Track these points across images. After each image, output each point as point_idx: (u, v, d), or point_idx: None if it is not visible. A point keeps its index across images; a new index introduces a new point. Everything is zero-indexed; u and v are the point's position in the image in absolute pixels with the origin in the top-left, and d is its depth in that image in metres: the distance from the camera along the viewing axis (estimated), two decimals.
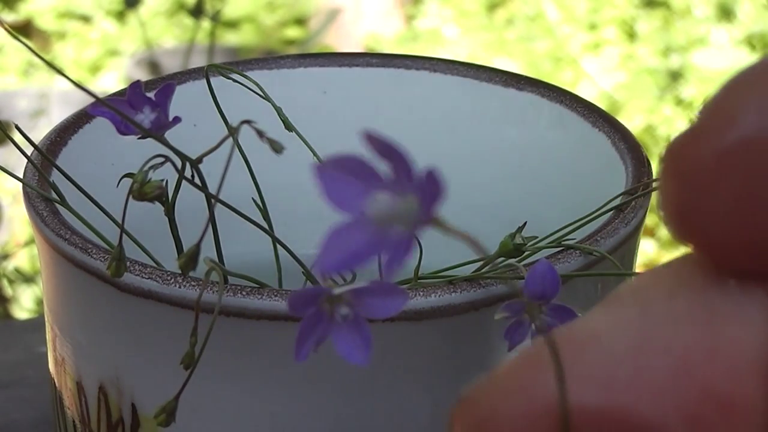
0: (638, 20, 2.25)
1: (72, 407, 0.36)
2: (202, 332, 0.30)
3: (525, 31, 2.25)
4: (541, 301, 0.30)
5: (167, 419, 0.30)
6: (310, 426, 0.33)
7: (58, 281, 0.35)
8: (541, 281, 0.30)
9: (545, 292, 0.30)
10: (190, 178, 0.33)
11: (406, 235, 0.18)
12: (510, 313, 0.31)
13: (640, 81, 2.06)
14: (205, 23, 1.09)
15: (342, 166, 0.18)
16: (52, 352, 0.37)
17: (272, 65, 0.42)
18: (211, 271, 0.30)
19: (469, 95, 0.42)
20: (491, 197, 0.42)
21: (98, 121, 0.38)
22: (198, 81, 0.40)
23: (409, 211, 0.18)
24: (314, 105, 0.43)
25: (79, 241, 0.33)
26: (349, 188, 0.18)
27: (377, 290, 0.27)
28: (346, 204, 0.18)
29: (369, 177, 0.18)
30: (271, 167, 0.37)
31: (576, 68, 2.13)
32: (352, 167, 0.18)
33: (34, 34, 2.28)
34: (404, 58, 0.43)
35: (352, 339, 0.27)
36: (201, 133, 0.36)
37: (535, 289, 0.30)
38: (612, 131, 0.39)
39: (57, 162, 0.37)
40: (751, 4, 2.21)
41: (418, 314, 0.31)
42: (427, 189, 0.18)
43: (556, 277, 0.31)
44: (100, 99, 0.31)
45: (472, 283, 0.31)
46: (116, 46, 2.27)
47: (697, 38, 2.16)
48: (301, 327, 0.27)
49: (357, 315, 0.27)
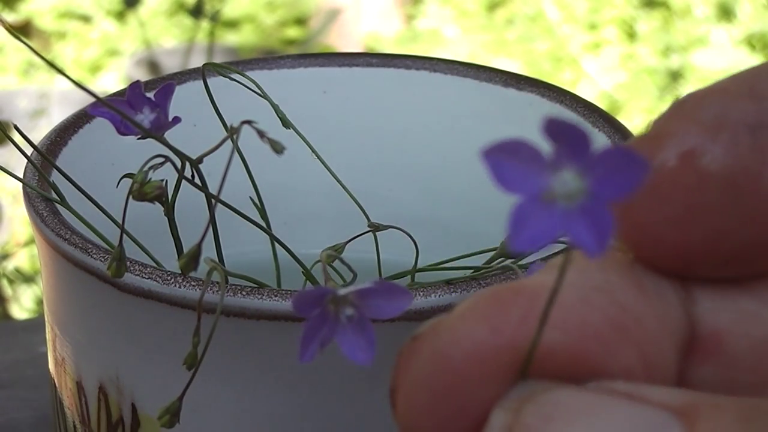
0: (638, 20, 2.25)
1: (72, 407, 0.36)
2: (202, 332, 0.30)
3: (525, 31, 2.25)
4: None
5: (171, 420, 0.30)
6: (310, 426, 0.33)
7: (58, 281, 0.35)
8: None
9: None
10: (190, 178, 0.33)
11: (591, 213, 0.19)
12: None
13: (640, 81, 2.06)
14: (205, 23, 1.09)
15: (508, 150, 0.19)
16: (52, 352, 0.37)
17: (272, 65, 0.42)
18: (212, 271, 0.30)
19: (469, 95, 0.42)
20: (491, 197, 0.42)
21: (98, 121, 0.38)
22: (198, 81, 0.40)
23: (582, 190, 0.19)
24: (314, 105, 0.43)
25: (79, 241, 0.33)
26: (518, 170, 0.19)
27: (381, 291, 0.27)
28: (518, 186, 0.19)
29: (535, 158, 0.19)
30: (271, 167, 0.38)
31: (576, 68, 2.14)
32: (517, 150, 0.19)
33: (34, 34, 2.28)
34: (404, 58, 0.43)
35: (356, 340, 0.27)
36: (201, 133, 0.36)
37: None
38: (612, 131, 0.39)
39: (57, 162, 0.37)
40: (751, 4, 2.21)
41: (418, 314, 0.31)
42: (606, 164, 0.19)
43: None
44: (100, 99, 0.31)
45: (472, 283, 0.32)
46: (116, 46, 2.27)
47: (697, 38, 2.16)
48: (306, 328, 0.27)
49: (361, 316, 0.27)
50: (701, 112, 0.21)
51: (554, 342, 0.20)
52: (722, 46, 2.14)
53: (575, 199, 0.19)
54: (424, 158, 0.43)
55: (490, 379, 0.20)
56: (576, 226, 0.19)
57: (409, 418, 0.21)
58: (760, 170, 0.21)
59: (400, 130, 0.43)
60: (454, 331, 0.21)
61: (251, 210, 0.36)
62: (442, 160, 0.43)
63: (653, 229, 0.21)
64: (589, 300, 0.20)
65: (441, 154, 0.43)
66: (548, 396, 0.20)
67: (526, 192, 0.19)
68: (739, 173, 0.21)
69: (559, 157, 0.19)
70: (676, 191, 0.21)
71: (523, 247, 0.19)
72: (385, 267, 0.36)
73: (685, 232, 0.21)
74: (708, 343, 0.21)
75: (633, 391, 0.20)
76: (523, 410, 0.20)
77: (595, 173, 0.19)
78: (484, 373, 0.20)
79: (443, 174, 0.43)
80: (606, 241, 0.19)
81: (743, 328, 0.21)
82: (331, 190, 0.39)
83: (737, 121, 0.21)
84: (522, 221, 0.19)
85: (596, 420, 0.19)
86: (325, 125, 0.43)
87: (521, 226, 0.19)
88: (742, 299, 0.22)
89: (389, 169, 0.43)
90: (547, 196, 0.19)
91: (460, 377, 0.20)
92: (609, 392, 0.20)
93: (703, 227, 0.21)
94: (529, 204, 0.19)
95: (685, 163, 0.21)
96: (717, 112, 0.21)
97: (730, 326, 0.22)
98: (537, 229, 0.19)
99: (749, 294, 0.22)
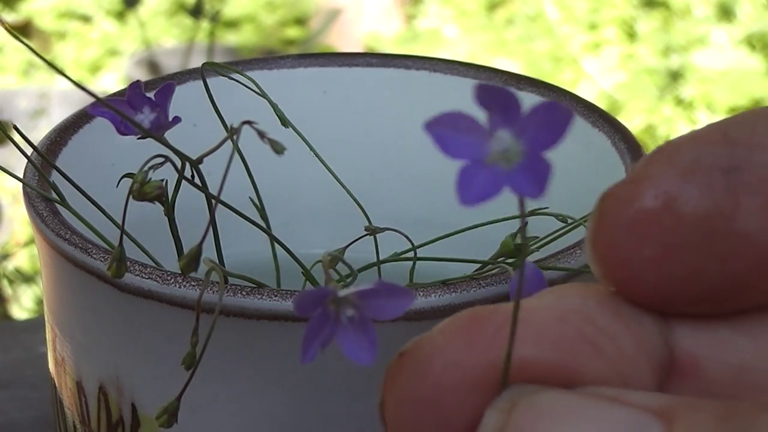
0: (638, 20, 2.25)
1: (72, 407, 0.36)
2: (202, 332, 0.30)
3: (525, 31, 2.26)
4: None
5: (169, 420, 0.30)
6: (310, 426, 0.33)
7: (58, 281, 0.35)
8: (527, 283, 0.30)
9: (531, 295, 0.30)
10: (190, 178, 0.33)
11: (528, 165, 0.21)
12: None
13: (640, 81, 2.06)
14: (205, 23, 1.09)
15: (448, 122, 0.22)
16: (52, 352, 0.37)
17: (272, 65, 0.43)
18: (211, 271, 0.30)
19: (469, 95, 0.42)
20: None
21: (98, 121, 0.38)
22: (198, 81, 0.40)
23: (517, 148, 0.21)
24: (314, 105, 0.43)
25: (79, 241, 0.33)
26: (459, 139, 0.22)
27: (383, 291, 0.27)
28: (461, 152, 0.21)
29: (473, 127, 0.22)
30: (271, 167, 0.38)
31: (576, 68, 2.14)
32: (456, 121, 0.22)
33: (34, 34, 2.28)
34: (404, 58, 0.43)
35: (357, 340, 0.27)
36: (201, 133, 0.36)
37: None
38: (612, 131, 0.39)
39: (57, 162, 0.37)
40: (751, 4, 2.21)
41: (418, 314, 0.31)
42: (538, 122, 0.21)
43: (543, 279, 0.31)
44: (100, 99, 0.31)
45: (472, 283, 0.32)
46: (116, 46, 2.27)
47: (697, 38, 2.16)
48: (308, 328, 0.27)
49: (362, 316, 0.27)
50: (677, 156, 0.23)
51: (528, 355, 0.22)
52: (722, 46, 2.14)
53: (514, 159, 0.21)
54: (424, 158, 0.43)
55: (469, 389, 0.22)
56: (517, 180, 0.21)
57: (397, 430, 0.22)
58: (733, 211, 0.22)
59: (400, 130, 0.43)
60: (434, 344, 0.22)
61: (251, 210, 0.36)
62: (442, 160, 0.43)
63: (633, 267, 0.22)
64: (565, 318, 0.22)
65: (441, 154, 0.43)
66: (537, 397, 0.21)
67: (469, 157, 0.21)
68: (713, 214, 0.22)
69: (494, 122, 0.21)
70: (654, 231, 0.22)
71: (470, 202, 0.21)
72: (386, 267, 0.36)
73: (663, 271, 0.22)
74: (685, 367, 0.23)
75: (616, 394, 0.21)
76: (515, 411, 0.21)
77: (527, 132, 0.21)
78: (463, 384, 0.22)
79: (443, 174, 0.43)
80: (545, 184, 0.20)
81: (720, 355, 0.23)
82: (331, 190, 0.39)
83: (711, 165, 0.22)
84: (468, 181, 0.21)
85: (581, 420, 0.21)
86: (325, 125, 0.43)
87: (467, 185, 0.21)
88: (719, 327, 0.23)
89: (389, 170, 0.43)
90: (490, 159, 0.21)
91: (441, 388, 0.22)
92: (593, 395, 0.21)
93: (680, 266, 0.22)
94: (473, 167, 0.21)
95: (662, 204, 0.22)
96: (692, 156, 0.22)
97: (707, 352, 0.23)
98: (482, 186, 0.21)
99: (726, 323, 0.23)
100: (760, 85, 2.02)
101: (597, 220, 0.23)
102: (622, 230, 0.22)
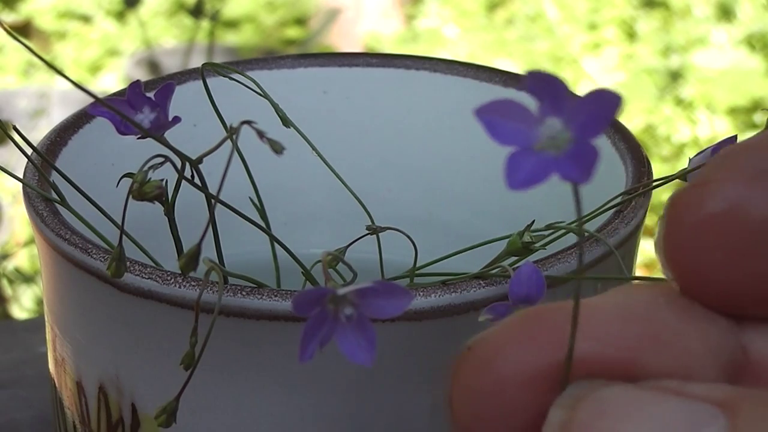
0: (638, 20, 2.25)
1: (72, 407, 0.36)
2: (201, 332, 0.30)
3: (525, 31, 2.26)
4: (525, 303, 0.30)
5: (168, 420, 0.30)
6: (310, 426, 0.33)
7: (58, 281, 0.35)
8: (526, 284, 0.30)
9: (530, 295, 0.30)
10: (190, 178, 0.33)
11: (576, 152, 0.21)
12: (494, 315, 0.31)
13: (640, 81, 2.06)
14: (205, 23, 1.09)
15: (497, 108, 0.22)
16: (52, 352, 0.37)
17: (272, 65, 0.43)
18: (210, 271, 0.30)
19: (469, 95, 0.42)
20: (491, 197, 0.42)
21: (98, 121, 0.38)
22: (198, 81, 0.40)
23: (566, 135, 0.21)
24: (314, 105, 0.43)
25: (79, 241, 0.33)
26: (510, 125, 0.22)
27: (381, 290, 0.27)
28: (511, 139, 0.22)
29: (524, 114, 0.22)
30: (271, 167, 0.38)
31: (576, 68, 2.14)
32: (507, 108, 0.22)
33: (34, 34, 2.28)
34: (404, 58, 0.43)
35: (356, 339, 0.27)
36: (201, 133, 0.36)
37: (520, 292, 0.30)
38: (612, 131, 0.39)
39: (57, 162, 0.37)
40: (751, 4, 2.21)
41: (418, 314, 0.31)
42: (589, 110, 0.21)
43: (542, 279, 0.30)
44: (100, 99, 0.31)
45: (472, 283, 0.32)
46: (116, 46, 2.27)
47: (697, 38, 2.16)
48: (306, 327, 0.27)
49: (361, 315, 0.27)
50: (744, 161, 0.23)
51: (590, 351, 0.22)
52: (722, 46, 2.14)
53: (562, 145, 0.21)
54: (424, 158, 0.43)
55: (532, 385, 0.22)
56: (565, 166, 0.21)
57: (463, 421, 0.23)
58: None
59: (400, 130, 0.43)
60: (498, 340, 0.22)
61: (251, 210, 0.36)
62: (442, 160, 0.43)
63: (701, 271, 0.23)
64: (630, 315, 0.22)
65: (441, 154, 0.43)
66: (600, 393, 0.21)
67: (518, 144, 0.21)
68: None
69: (544, 109, 0.21)
70: (722, 236, 0.23)
71: (518, 187, 0.21)
72: (387, 267, 0.36)
73: (731, 275, 0.23)
74: (758, 369, 0.23)
75: (678, 387, 0.21)
76: (578, 407, 0.21)
77: (576, 119, 0.21)
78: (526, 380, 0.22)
79: (443, 174, 0.43)
80: (592, 170, 0.21)
81: None
82: (331, 190, 0.39)
83: None
84: (516, 166, 0.21)
85: (645, 414, 0.21)
86: (325, 125, 0.43)
87: (515, 170, 0.21)
88: None
89: (389, 169, 0.43)
90: (538, 145, 0.21)
91: (505, 384, 0.22)
92: (656, 388, 0.21)
93: (747, 270, 0.23)
94: (522, 153, 0.21)
95: (729, 209, 0.23)
96: (758, 163, 0.23)
97: None
98: (530, 172, 0.21)
99: None
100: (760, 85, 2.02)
101: (666, 226, 0.23)
102: (690, 235, 0.23)
